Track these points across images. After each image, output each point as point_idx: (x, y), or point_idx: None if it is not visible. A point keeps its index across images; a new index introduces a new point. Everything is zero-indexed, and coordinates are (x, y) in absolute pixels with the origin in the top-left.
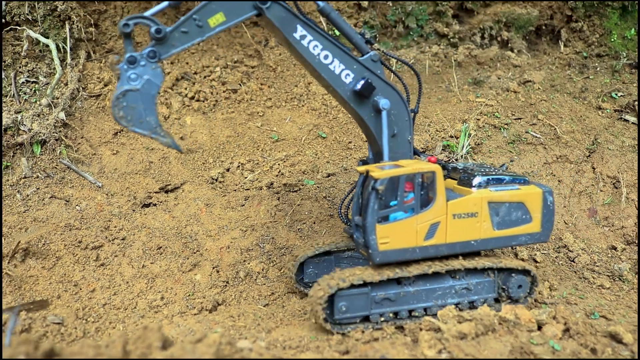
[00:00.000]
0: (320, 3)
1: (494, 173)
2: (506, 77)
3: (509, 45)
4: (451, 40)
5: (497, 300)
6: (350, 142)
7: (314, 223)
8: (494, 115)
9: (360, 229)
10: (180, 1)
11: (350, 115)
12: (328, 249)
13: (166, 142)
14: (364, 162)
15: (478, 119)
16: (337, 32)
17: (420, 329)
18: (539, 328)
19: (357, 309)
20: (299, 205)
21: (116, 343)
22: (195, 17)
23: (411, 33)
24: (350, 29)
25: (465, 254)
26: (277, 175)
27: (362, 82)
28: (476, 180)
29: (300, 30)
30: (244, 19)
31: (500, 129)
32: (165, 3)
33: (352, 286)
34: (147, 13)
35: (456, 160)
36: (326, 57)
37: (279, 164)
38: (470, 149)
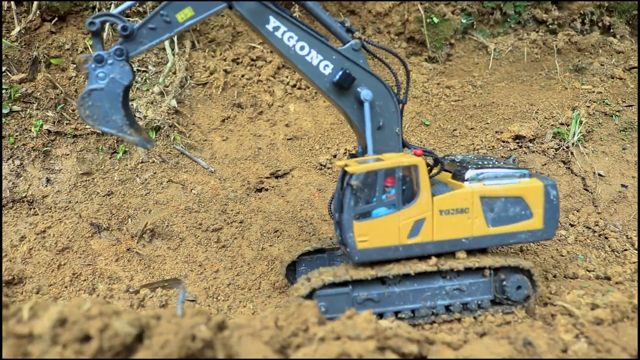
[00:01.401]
0: None
1: (491, 166)
2: (610, 64)
3: (611, 30)
4: (550, 26)
5: (494, 302)
6: (455, 130)
7: None
8: (603, 102)
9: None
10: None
11: (452, 103)
12: (321, 247)
13: (133, 140)
14: (353, 155)
15: (588, 106)
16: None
17: (552, 314)
18: None
19: (338, 310)
20: None
21: (268, 318)
22: (162, 12)
23: (508, 20)
24: (329, 17)
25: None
26: None
27: (340, 72)
28: (469, 174)
29: (273, 22)
30: (214, 12)
31: (612, 116)
32: (131, 2)
33: (333, 285)
34: (115, 10)
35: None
36: (302, 48)
37: None
38: (582, 137)
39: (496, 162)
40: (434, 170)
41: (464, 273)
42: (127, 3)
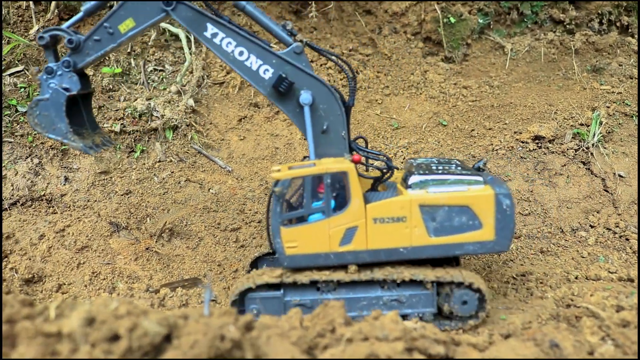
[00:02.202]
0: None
1: (441, 171)
2: (628, 64)
3: (630, 30)
4: (567, 26)
5: (440, 315)
6: (473, 130)
7: None
8: (623, 102)
9: None
10: (95, 11)
11: (469, 103)
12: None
13: (76, 147)
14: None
15: (608, 107)
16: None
17: (576, 316)
18: None
19: (271, 314)
20: None
21: (293, 318)
22: (105, 24)
23: (525, 20)
24: (270, 21)
25: (396, 262)
26: (402, 162)
27: (277, 77)
28: (412, 180)
29: (210, 29)
30: (155, 22)
31: (632, 116)
32: (80, 14)
33: (267, 287)
34: (65, 25)
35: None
36: (241, 53)
37: (402, 151)
38: (602, 137)
39: (456, 168)
40: (387, 175)
41: (405, 284)
42: (76, 17)
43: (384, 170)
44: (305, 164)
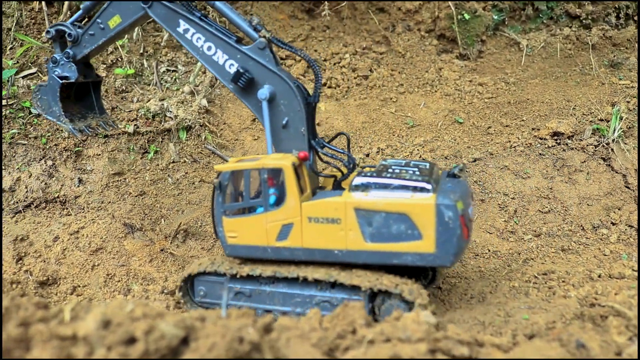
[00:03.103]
0: None
1: (390, 174)
2: None
3: (637, 33)
4: (584, 21)
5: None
6: (489, 127)
7: None
8: None
9: None
10: (92, 9)
11: (485, 100)
12: None
13: (66, 128)
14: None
15: (628, 102)
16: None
17: (601, 316)
18: None
19: (214, 297)
20: None
21: (312, 319)
22: (98, 20)
23: (541, 15)
24: (238, 16)
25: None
26: (420, 159)
27: (235, 72)
28: (355, 181)
29: (182, 25)
30: (137, 19)
31: None
32: (80, 12)
33: (214, 273)
34: (68, 21)
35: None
36: (209, 48)
37: (418, 149)
38: (622, 133)
39: (415, 173)
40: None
41: (340, 287)
42: (77, 14)
43: (342, 170)
44: (251, 158)
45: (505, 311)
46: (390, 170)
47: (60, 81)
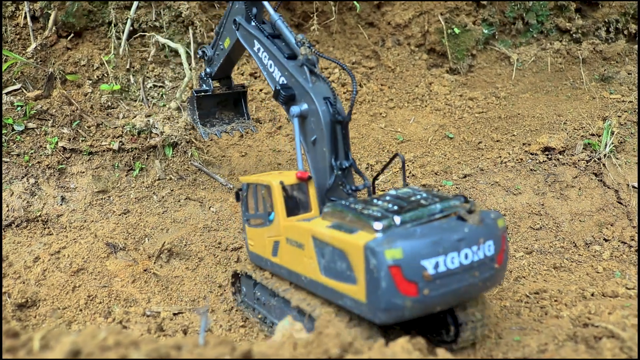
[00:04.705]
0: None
1: (373, 204)
2: (637, 72)
3: (637, 38)
4: (574, 35)
5: None
6: (480, 142)
7: None
8: (635, 111)
9: None
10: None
11: (476, 115)
12: None
13: (200, 131)
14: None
15: (619, 116)
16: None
17: (595, 337)
18: None
19: (250, 298)
20: None
21: (286, 345)
22: (219, 42)
23: (531, 30)
24: (290, 33)
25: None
26: (408, 177)
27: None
28: (326, 207)
29: (256, 44)
30: (236, 40)
31: None
32: (215, 37)
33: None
34: (210, 44)
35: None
36: (271, 65)
37: (408, 165)
38: (614, 148)
39: (400, 203)
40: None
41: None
42: (214, 39)
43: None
44: (275, 173)
45: (496, 332)
46: (385, 199)
47: (196, 94)
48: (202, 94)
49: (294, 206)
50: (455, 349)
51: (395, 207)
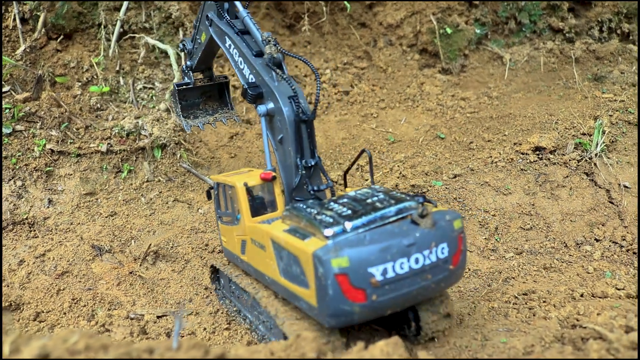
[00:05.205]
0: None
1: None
2: (630, 72)
3: (631, 37)
4: (567, 35)
5: None
6: (471, 143)
7: None
8: (627, 111)
9: None
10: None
11: (468, 115)
12: None
13: (181, 123)
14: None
15: (610, 115)
16: None
17: (582, 338)
18: None
19: (227, 290)
20: None
21: (263, 350)
22: (197, 36)
23: (524, 29)
24: (257, 30)
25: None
26: (398, 177)
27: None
28: (286, 211)
29: (228, 41)
30: (210, 34)
31: (636, 125)
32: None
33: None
34: (190, 38)
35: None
36: (241, 62)
37: (398, 166)
38: (605, 147)
39: (365, 206)
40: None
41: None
42: (193, 32)
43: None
44: (244, 172)
45: (483, 334)
46: (342, 202)
47: (177, 87)
48: (184, 86)
49: (261, 206)
50: (417, 343)
51: (349, 212)
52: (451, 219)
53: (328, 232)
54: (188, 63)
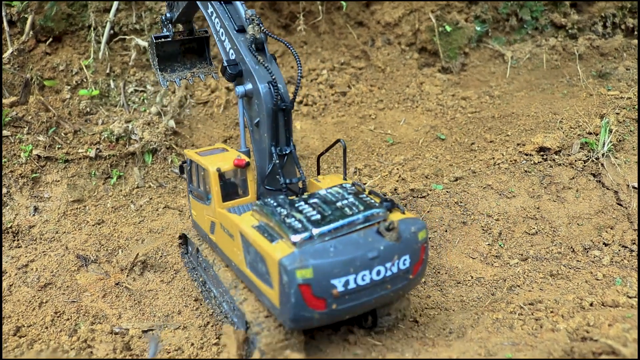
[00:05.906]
0: None
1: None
2: (636, 68)
3: (635, 33)
4: (569, 31)
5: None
6: (473, 144)
7: (446, 231)
8: (634, 108)
9: None
10: None
11: (469, 115)
12: None
13: (158, 78)
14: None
15: (617, 113)
16: None
17: (593, 352)
18: None
19: (195, 259)
20: (428, 212)
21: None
22: None
23: (525, 26)
24: (242, 6)
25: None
26: (397, 181)
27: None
28: (256, 205)
29: (210, 7)
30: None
31: None
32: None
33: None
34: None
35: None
36: (222, 34)
37: (397, 169)
38: (612, 146)
39: (336, 208)
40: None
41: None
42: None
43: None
44: (218, 149)
45: (487, 349)
46: (312, 202)
47: (155, 40)
48: (162, 39)
49: (232, 191)
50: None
51: (318, 216)
52: (416, 230)
53: (295, 237)
54: (168, 15)
